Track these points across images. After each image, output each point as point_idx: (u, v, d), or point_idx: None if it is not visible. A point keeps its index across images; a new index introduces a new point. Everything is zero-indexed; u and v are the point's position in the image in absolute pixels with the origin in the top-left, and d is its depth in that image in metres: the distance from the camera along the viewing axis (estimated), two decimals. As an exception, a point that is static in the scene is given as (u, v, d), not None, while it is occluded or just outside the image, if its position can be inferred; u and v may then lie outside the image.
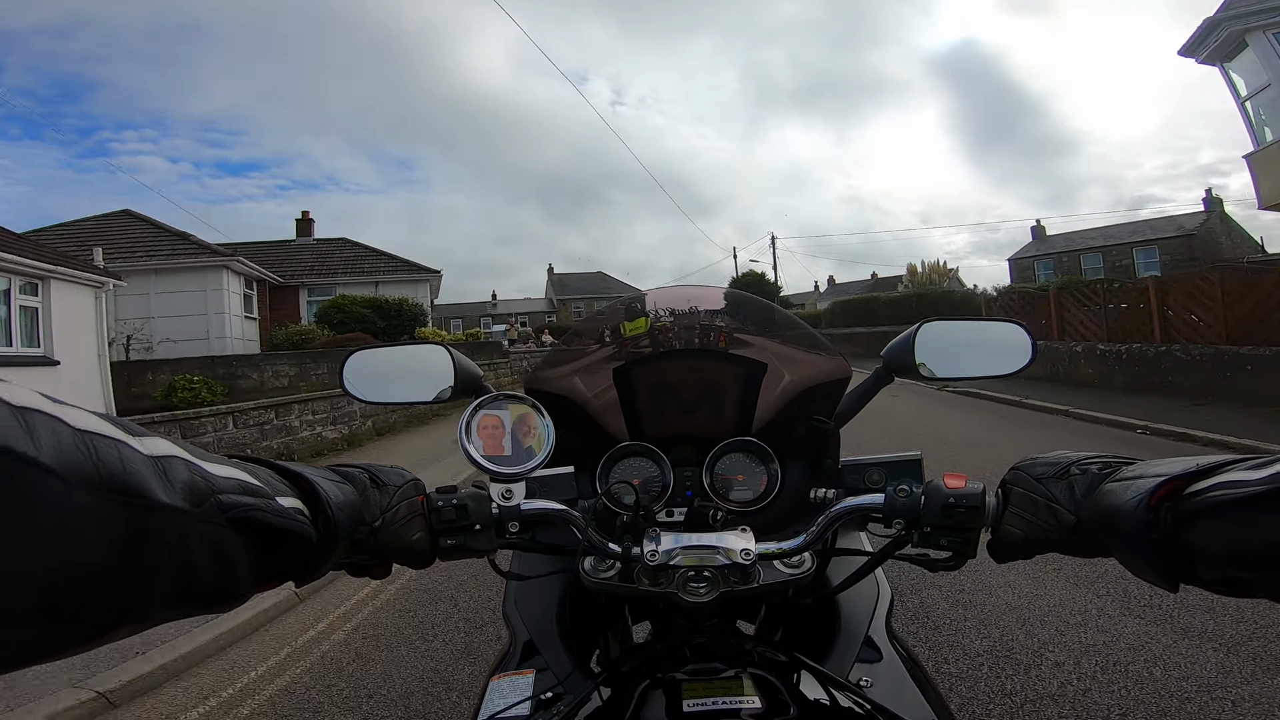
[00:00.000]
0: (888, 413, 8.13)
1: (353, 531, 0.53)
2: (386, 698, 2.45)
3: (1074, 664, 2.39)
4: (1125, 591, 2.93)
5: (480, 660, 2.72)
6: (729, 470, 0.92)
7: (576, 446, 0.92)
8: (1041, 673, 2.33)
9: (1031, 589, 3.06)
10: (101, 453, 0.30)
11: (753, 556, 0.61)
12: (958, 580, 3.14)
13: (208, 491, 0.37)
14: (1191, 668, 2.31)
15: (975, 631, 2.69)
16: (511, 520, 0.63)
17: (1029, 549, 0.58)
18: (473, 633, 3.00)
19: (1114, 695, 2.16)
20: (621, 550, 0.64)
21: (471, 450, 0.62)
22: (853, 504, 0.65)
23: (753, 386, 0.95)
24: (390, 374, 0.91)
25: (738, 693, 0.56)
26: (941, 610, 2.89)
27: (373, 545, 0.57)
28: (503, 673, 0.77)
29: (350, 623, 3.27)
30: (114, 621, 0.32)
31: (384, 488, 0.58)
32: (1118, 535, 0.49)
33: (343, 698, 2.49)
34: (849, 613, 0.79)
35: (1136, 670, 2.31)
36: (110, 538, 0.30)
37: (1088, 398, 9.20)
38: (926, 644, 2.57)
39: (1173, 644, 2.48)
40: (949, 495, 0.60)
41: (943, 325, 0.85)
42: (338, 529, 0.49)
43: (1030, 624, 2.74)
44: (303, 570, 0.48)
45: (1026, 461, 0.60)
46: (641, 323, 1.05)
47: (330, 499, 0.49)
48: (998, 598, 3.00)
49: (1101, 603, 2.88)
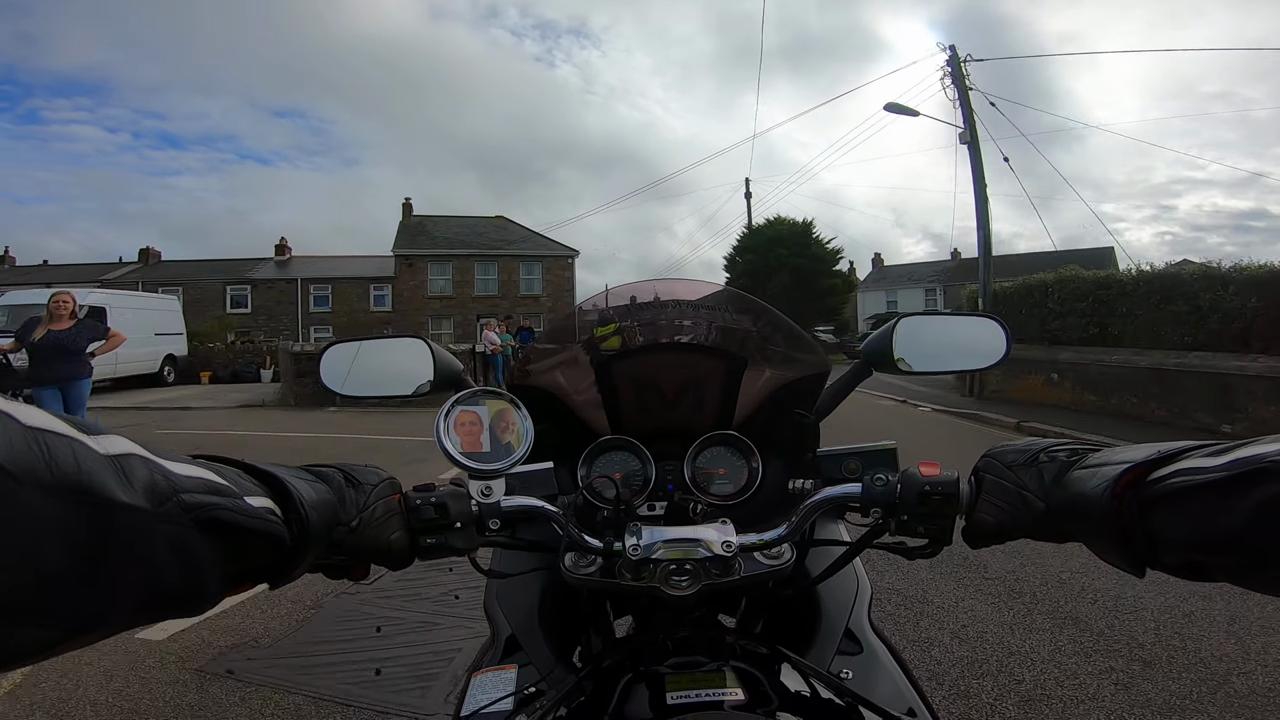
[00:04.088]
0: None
1: (328, 531, 0.52)
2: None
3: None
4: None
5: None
6: (710, 464, 0.93)
7: (558, 441, 0.92)
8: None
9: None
10: (55, 451, 0.29)
11: (734, 548, 0.61)
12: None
13: (170, 491, 0.36)
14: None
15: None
16: (491, 517, 0.63)
17: (1002, 535, 0.58)
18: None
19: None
20: (603, 545, 0.64)
21: (449, 447, 0.62)
22: (831, 494, 0.66)
23: (734, 381, 0.96)
24: (368, 367, 0.91)
25: (721, 684, 0.57)
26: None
27: (350, 545, 0.55)
28: (485, 668, 0.77)
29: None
30: (80, 625, 0.31)
31: (360, 487, 0.57)
32: (1085, 522, 0.50)
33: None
34: (829, 605, 0.80)
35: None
36: (68, 539, 0.29)
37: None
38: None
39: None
40: (925, 483, 0.61)
41: (920, 320, 0.88)
42: (312, 529, 0.48)
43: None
44: (276, 571, 0.47)
45: (998, 449, 0.61)
46: (611, 329, 1.04)
47: (304, 498, 0.48)
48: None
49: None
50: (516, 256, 30.23)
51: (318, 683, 2.29)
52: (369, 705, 2.13)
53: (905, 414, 10.26)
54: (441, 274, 29.49)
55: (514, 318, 18.06)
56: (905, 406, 10.92)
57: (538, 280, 30.32)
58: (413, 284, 28.93)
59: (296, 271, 29.51)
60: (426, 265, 29.29)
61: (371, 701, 2.16)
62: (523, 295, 29.91)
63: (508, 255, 30.15)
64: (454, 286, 29.41)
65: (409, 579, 3.18)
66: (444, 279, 29.48)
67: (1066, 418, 8.21)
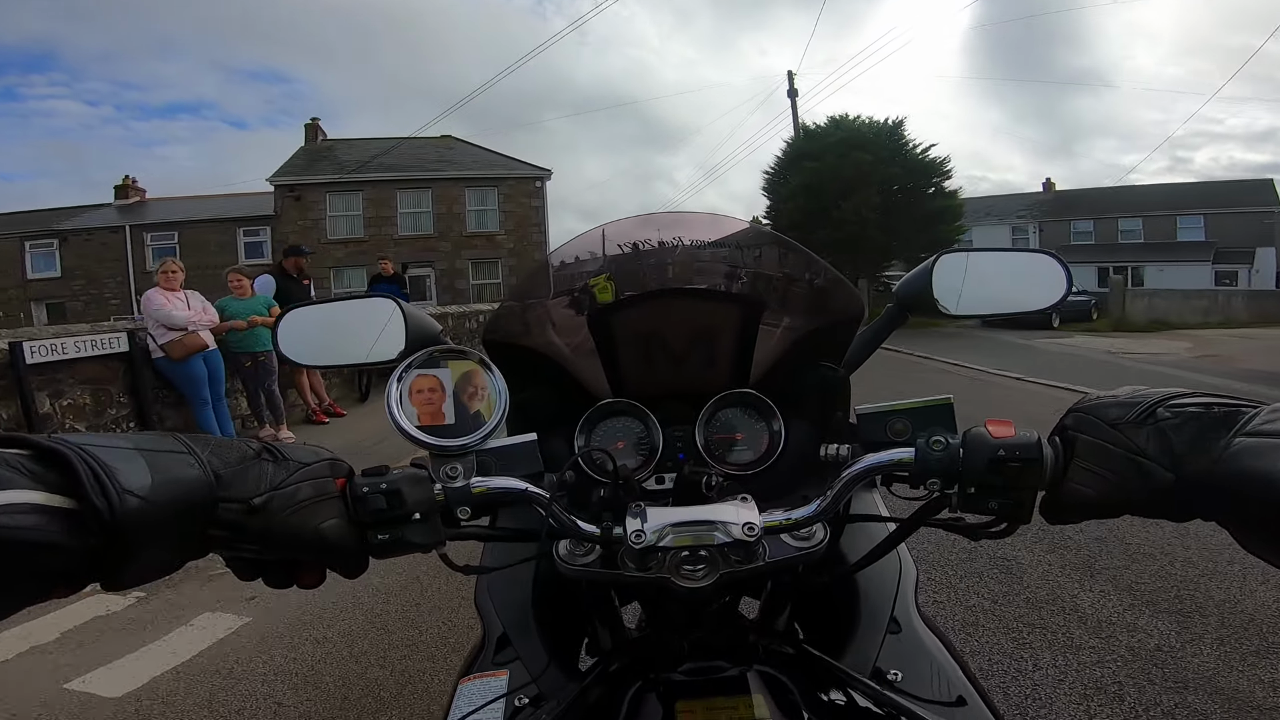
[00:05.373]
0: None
1: (194, 513, 0.42)
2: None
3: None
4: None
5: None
6: (725, 428, 0.83)
7: (549, 408, 0.81)
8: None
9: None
10: None
11: (757, 531, 0.51)
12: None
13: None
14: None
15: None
16: (460, 505, 0.53)
17: (1101, 510, 0.47)
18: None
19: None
20: (600, 532, 0.54)
21: (402, 421, 0.57)
22: (876, 460, 0.55)
23: (750, 331, 0.84)
24: (331, 332, 0.77)
25: (747, 715, 0.50)
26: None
27: (257, 530, 0.44)
28: (474, 674, 0.68)
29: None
30: None
31: (282, 462, 0.47)
32: (1255, 507, 0.39)
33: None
34: (869, 592, 0.71)
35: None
36: None
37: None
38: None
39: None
40: (998, 446, 0.49)
41: (963, 256, 0.77)
42: (134, 514, 0.38)
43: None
44: (93, 572, 0.38)
45: (1089, 402, 0.50)
46: (602, 280, 0.86)
47: (112, 476, 0.38)
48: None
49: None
50: (459, 180, 20.73)
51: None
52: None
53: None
54: (347, 208, 20.13)
55: (389, 260, 8.97)
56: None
57: (492, 212, 20.94)
58: (302, 224, 19.60)
59: (132, 218, 20.14)
60: (323, 197, 19.88)
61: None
62: (471, 232, 20.61)
63: (446, 179, 20.66)
64: (366, 225, 20.05)
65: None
66: (350, 215, 20.14)
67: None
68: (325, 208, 19.88)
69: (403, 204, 20.44)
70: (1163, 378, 7.25)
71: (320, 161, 21.15)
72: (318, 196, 19.83)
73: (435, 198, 20.49)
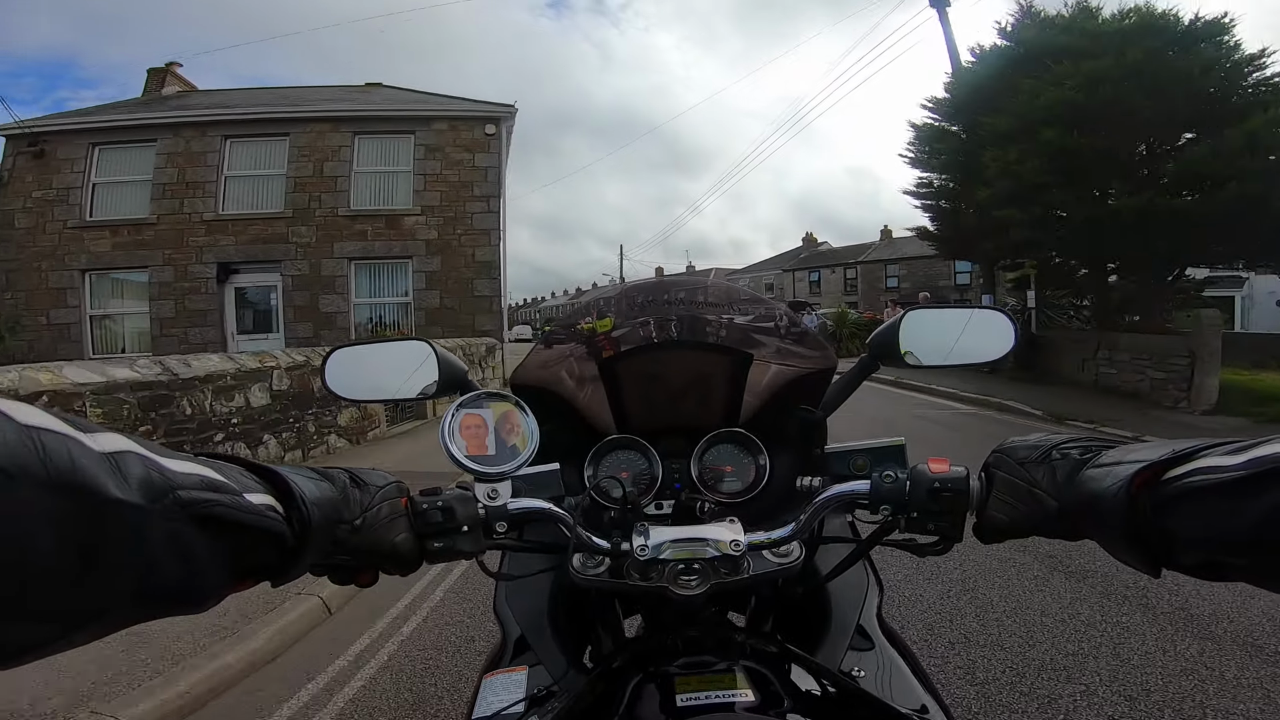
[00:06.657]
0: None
1: (331, 529, 0.52)
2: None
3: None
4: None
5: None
6: (718, 461, 0.95)
7: (565, 441, 0.93)
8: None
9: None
10: (50, 449, 0.30)
11: (742, 547, 0.62)
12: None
13: (166, 487, 0.36)
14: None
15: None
16: (498, 520, 0.64)
17: (1013, 532, 0.59)
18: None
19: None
20: (610, 546, 0.65)
21: (455, 451, 0.64)
22: (839, 491, 0.67)
23: (740, 377, 0.97)
24: (372, 370, 0.91)
25: (731, 686, 0.57)
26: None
27: (354, 545, 0.55)
28: (495, 670, 0.78)
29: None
30: (77, 621, 0.32)
31: (365, 487, 0.58)
32: (1099, 521, 0.49)
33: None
34: (839, 603, 0.81)
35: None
36: (63, 535, 0.30)
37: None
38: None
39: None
40: (934, 479, 0.61)
41: (928, 313, 0.87)
42: (314, 525, 0.48)
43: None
44: (278, 569, 0.47)
45: (1008, 445, 0.61)
46: (608, 323, 1.04)
47: (305, 494, 0.47)
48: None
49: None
50: (343, 121, 11.78)
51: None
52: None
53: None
54: (128, 169, 11.50)
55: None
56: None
57: (403, 176, 12.01)
58: (42, 195, 11.11)
59: None
60: (87, 152, 11.26)
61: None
62: (357, 210, 11.69)
63: (316, 117, 11.77)
64: (159, 198, 11.35)
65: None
66: (133, 181, 11.50)
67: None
68: (89, 168, 11.18)
69: (233, 162, 11.57)
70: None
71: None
72: (75, 150, 11.15)
73: (295, 152, 11.54)
